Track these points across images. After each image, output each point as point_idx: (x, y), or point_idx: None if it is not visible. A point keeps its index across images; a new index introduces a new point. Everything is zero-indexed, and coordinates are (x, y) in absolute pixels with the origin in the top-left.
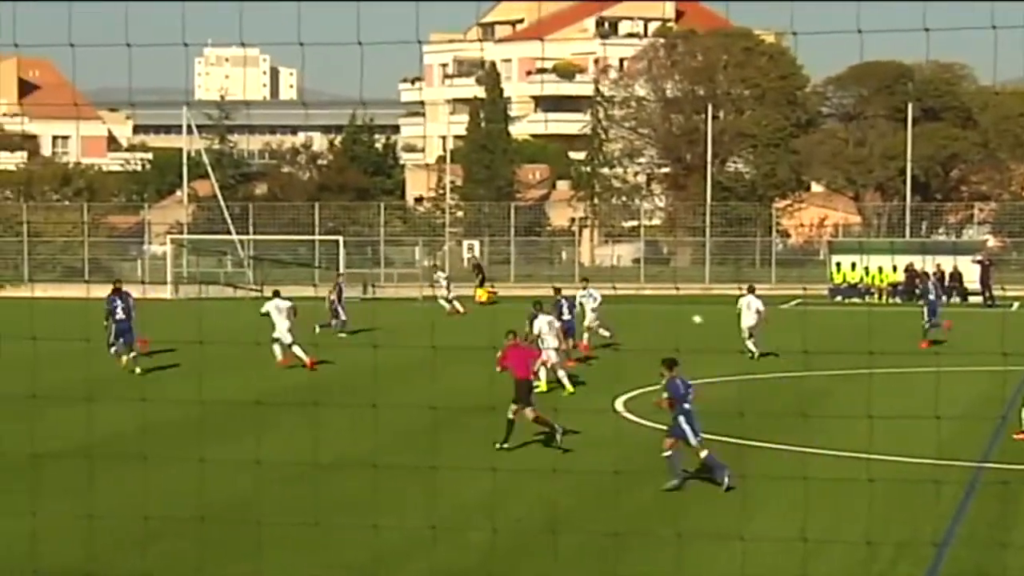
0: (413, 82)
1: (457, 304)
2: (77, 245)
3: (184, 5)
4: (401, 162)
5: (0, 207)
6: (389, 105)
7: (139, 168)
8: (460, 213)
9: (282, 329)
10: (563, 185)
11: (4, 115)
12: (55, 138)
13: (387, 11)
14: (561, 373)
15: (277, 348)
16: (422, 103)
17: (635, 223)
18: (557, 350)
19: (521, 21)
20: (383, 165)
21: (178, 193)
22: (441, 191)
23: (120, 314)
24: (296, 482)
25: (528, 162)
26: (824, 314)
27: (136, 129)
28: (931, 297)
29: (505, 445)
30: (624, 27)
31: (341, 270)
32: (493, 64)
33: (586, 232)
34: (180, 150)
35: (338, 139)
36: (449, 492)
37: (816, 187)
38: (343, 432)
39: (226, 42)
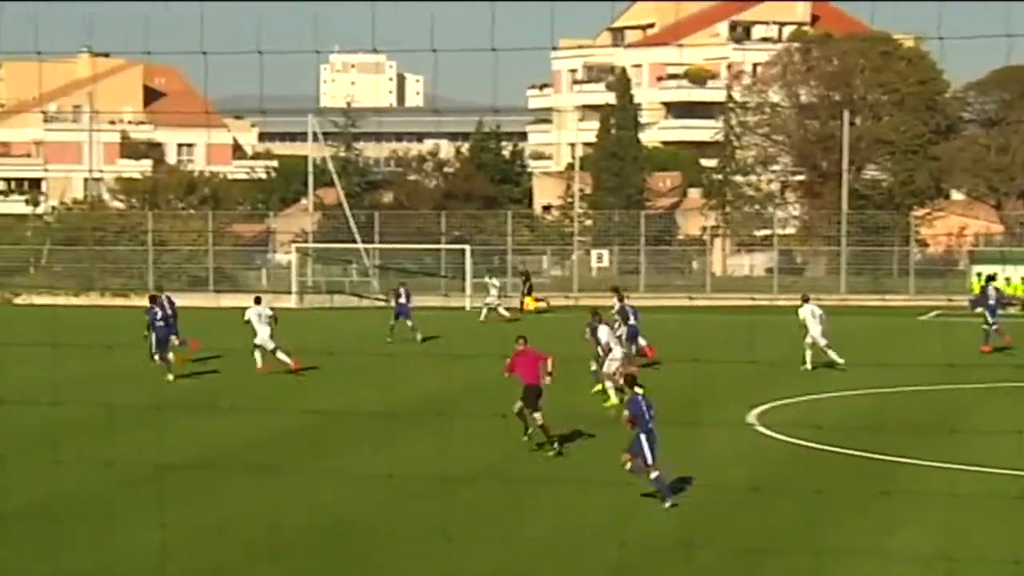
0: (541, 88)
1: (503, 310)
2: (202, 254)
3: (315, 12)
4: (529, 170)
5: (125, 216)
6: (517, 112)
7: (264, 176)
8: (589, 222)
9: (264, 336)
10: (694, 193)
11: (130, 123)
12: (180, 146)
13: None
14: (609, 384)
15: (258, 355)
16: (551, 109)
17: (768, 232)
18: (622, 358)
19: (652, 26)
20: (510, 173)
21: (303, 201)
22: (569, 199)
23: (160, 322)
24: (425, 494)
25: (659, 170)
26: (966, 326)
27: (261, 137)
28: None
29: (527, 437)
30: (758, 31)
31: (467, 278)
32: (623, 70)
33: (718, 241)
34: (306, 158)
35: (465, 146)
36: (578, 504)
37: (956, 195)
38: (471, 443)
39: (352, 48)
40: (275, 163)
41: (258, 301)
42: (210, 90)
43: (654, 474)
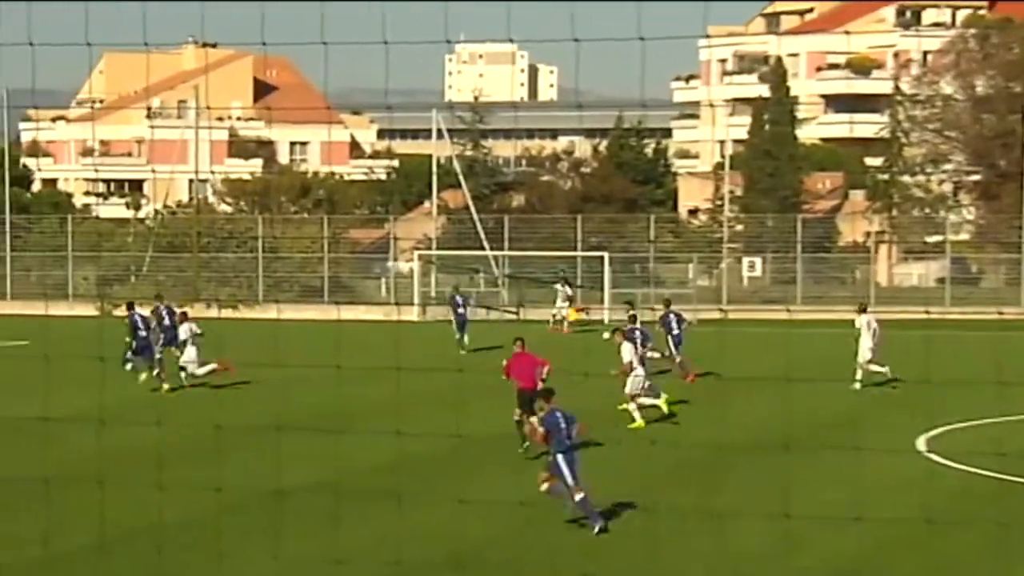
0: (688, 80)
1: (565, 323)
2: (316, 262)
3: None
4: (673, 169)
5: (233, 220)
6: (660, 106)
7: (384, 177)
8: (739, 227)
9: (191, 355)
10: (857, 195)
11: (239, 119)
12: (293, 144)
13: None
14: (632, 406)
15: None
16: (698, 103)
17: (940, 238)
18: (643, 377)
19: (810, 11)
20: (653, 173)
21: (426, 204)
22: (718, 202)
23: (142, 332)
24: (559, 522)
25: (817, 169)
26: None
27: (381, 134)
28: None
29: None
30: (928, 16)
31: (605, 288)
32: (779, 59)
33: (883, 248)
34: (429, 157)
35: (603, 144)
36: (732, 536)
37: None
38: (616, 468)
39: (480, 38)
40: (396, 163)
41: (185, 316)
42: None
43: (578, 496)
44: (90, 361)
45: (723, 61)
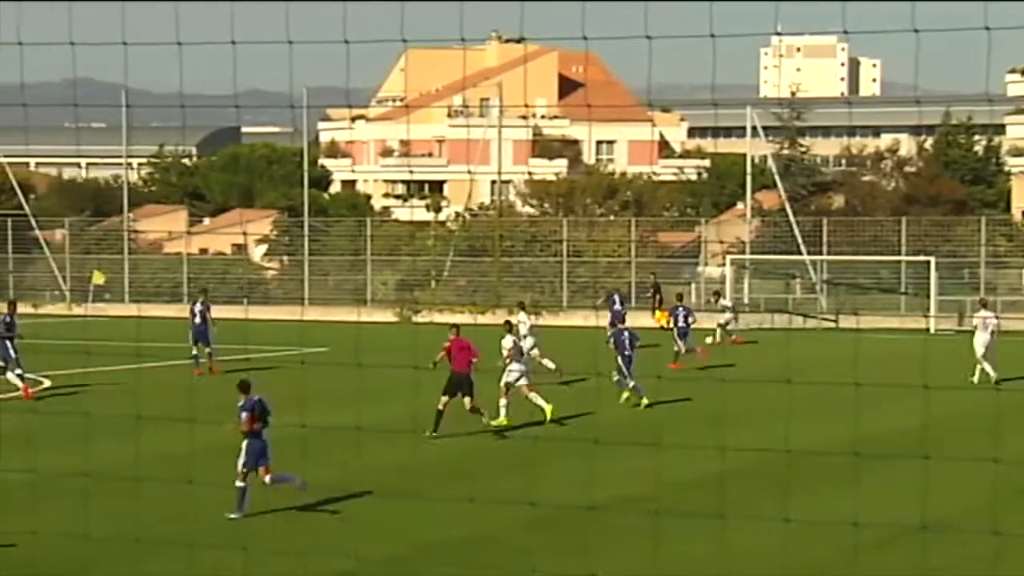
0: (1023, 72)
1: (718, 335)
2: (623, 266)
3: None
4: (1006, 168)
5: (537, 222)
6: (992, 100)
7: (695, 177)
8: None
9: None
10: None
11: (543, 117)
12: (599, 143)
13: None
14: (533, 395)
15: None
16: None
17: None
18: (523, 374)
19: None
20: (984, 172)
21: (739, 206)
22: None
23: (198, 319)
24: (891, 542)
25: None
26: None
27: (691, 132)
28: None
29: (434, 434)
30: None
31: (931, 295)
32: None
33: None
34: (743, 156)
35: (929, 142)
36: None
37: None
38: (960, 484)
39: (799, 30)
40: (707, 162)
41: None
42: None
43: (266, 478)
44: (393, 368)
45: None
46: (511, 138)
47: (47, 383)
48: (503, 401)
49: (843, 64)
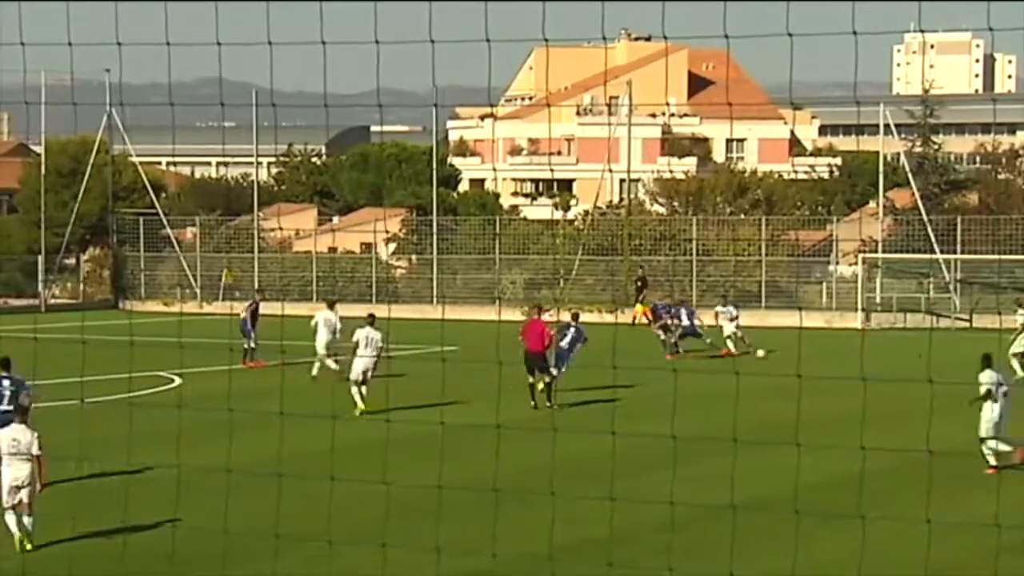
0: None
1: (731, 344)
2: (753, 265)
3: None
4: None
5: (667, 221)
6: None
7: (826, 175)
8: None
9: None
10: None
11: (673, 115)
12: (730, 141)
13: None
14: (354, 390)
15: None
16: None
17: None
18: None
19: None
20: None
21: (871, 204)
22: None
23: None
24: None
25: None
26: None
27: (823, 130)
28: None
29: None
30: None
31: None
32: None
33: None
34: (876, 154)
35: None
36: None
37: None
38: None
39: (933, 27)
40: (839, 160)
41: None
42: (761, 76)
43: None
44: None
45: None
46: (640, 136)
47: (178, 380)
48: None
49: (978, 60)
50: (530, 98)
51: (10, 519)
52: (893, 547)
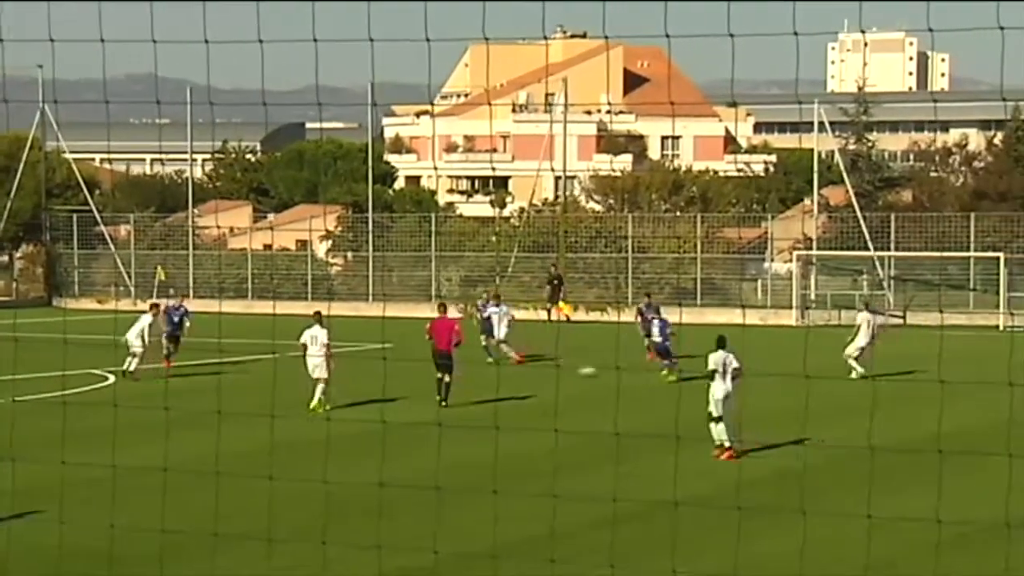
0: None
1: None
2: (688, 262)
3: None
4: None
5: (602, 219)
6: None
7: (761, 173)
8: None
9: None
10: None
11: (608, 113)
12: (665, 139)
13: None
14: (319, 388)
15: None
16: None
17: None
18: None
19: None
20: None
21: (806, 202)
22: None
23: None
24: (971, 543)
25: None
26: None
27: (757, 127)
28: None
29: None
30: None
31: (1001, 292)
32: None
33: None
34: (810, 151)
35: (999, 136)
36: None
37: None
38: None
39: (866, 25)
40: (773, 157)
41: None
42: (697, 74)
43: None
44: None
45: None
46: (576, 134)
47: (112, 379)
48: None
49: (911, 59)
50: (466, 95)
51: None
52: (834, 543)
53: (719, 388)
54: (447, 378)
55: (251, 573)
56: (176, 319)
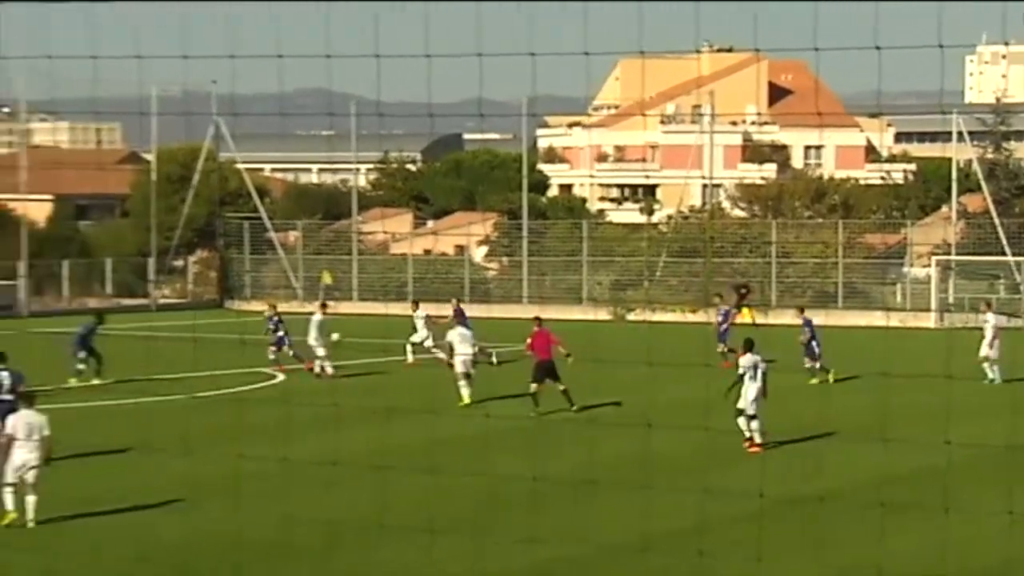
0: None
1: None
2: (830, 267)
3: None
4: None
5: (747, 225)
6: None
7: (901, 181)
8: None
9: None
10: None
11: (752, 123)
12: (808, 148)
13: None
14: (461, 383)
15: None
16: None
17: None
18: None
19: None
20: None
21: (945, 209)
22: None
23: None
24: None
25: None
26: None
27: (898, 137)
28: None
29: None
30: None
31: None
32: None
33: None
34: (948, 160)
35: None
36: None
37: None
38: None
39: (1003, 39)
40: (913, 166)
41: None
42: (840, 86)
43: None
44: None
45: None
46: (722, 144)
47: (281, 376)
48: None
49: None
50: (616, 107)
51: (8, 497)
52: (974, 540)
53: (751, 388)
54: (560, 385)
55: (411, 562)
56: (271, 327)
